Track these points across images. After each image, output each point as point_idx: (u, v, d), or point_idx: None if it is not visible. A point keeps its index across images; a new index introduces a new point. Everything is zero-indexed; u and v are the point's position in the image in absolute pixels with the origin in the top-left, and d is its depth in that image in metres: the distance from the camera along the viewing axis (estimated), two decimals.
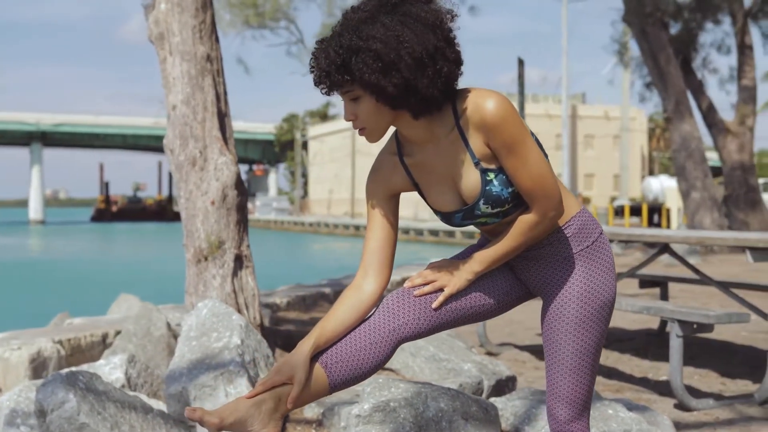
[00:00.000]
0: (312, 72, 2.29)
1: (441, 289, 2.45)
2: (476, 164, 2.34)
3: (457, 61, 2.28)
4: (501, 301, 2.56)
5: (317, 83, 2.30)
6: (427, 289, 2.44)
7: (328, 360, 2.34)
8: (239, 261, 5.79)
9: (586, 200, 59.29)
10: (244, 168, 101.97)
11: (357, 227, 53.44)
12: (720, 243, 5.26)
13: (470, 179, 2.37)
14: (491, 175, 2.34)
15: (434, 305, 2.43)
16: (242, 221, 5.86)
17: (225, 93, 6.08)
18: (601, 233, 2.55)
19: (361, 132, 2.34)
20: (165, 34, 5.91)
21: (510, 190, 2.36)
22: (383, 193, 2.51)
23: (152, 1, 6.05)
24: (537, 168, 2.32)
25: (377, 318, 2.41)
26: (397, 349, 2.42)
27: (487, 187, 2.35)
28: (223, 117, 5.98)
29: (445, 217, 2.49)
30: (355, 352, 2.36)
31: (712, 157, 34.60)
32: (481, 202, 2.37)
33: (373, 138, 2.36)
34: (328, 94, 2.33)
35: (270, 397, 2.30)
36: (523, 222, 2.39)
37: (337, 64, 2.21)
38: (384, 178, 2.50)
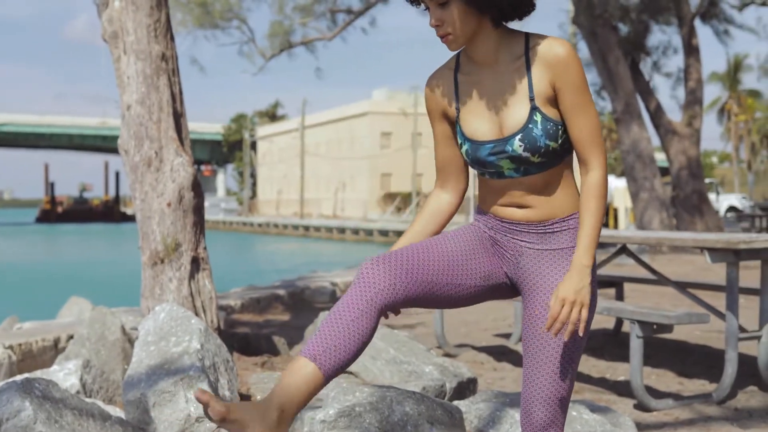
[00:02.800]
0: None
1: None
2: (531, 99, 2.37)
3: None
4: (478, 285, 2.50)
5: None
6: (561, 326, 2.35)
7: (315, 351, 2.26)
8: (196, 263, 5.70)
9: None
10: None
11: (306, 228, 53.26)
12: (679, 244, 5.29)
13: (518, 111, 2.39)
14: (538, 117, 2.36)
15: (581, 332, 2.41)
16: (199, 223, 5.77)
17: (180, 93, 5.98)
18: None
19: (445, 39, 2.38)
20: (119, 33, 5.80)
21: (548, 142, 2.37)
22: (435, 108, 2.57)
23: None
24: (596, 119, 2.39)
25: (351, 292, 2.34)
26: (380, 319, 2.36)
27: (530, 125, 2.36)
28: (178, 117, 5.89)
29: (474, 147, 2.46)
30: (338, 335, 2.27)
31: (660, 157, 35.00)
32: (518, 137, 2.38)
33: (455, 45, 2.40)
34: (414, 1, 2.41)
35: (275, 408, 2.22)
36: (592, 184, 2.39)
37: None
38: (435, 88, 2.56)
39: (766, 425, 4.71)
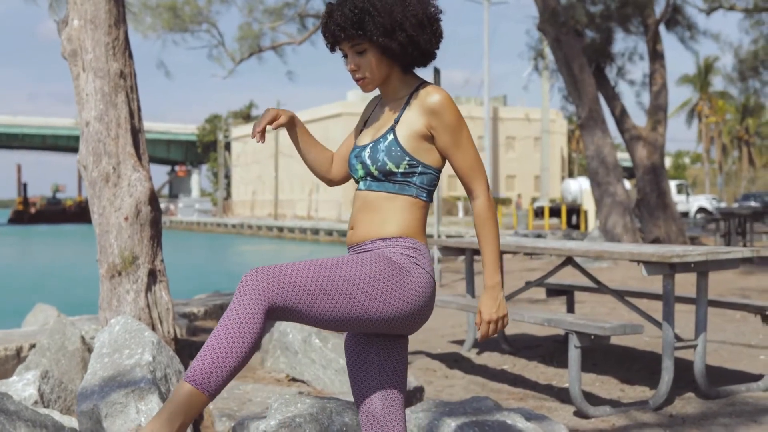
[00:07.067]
0: (325, 27, 2.73)
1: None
2: (395, 121, 2.74)
3: (442, 32, 2.78)
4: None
5: (329, 37, 2.73)
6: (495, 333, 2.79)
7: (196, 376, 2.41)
8: (153, 276, 5.87)
9: (506, 201, 60.00)
10: (166, 169, 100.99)
11: (280, 229, 53.33)
12: (617, 257, 5.51)
13: (382, 130, 2.78)
14: (390, 136, 2.72)
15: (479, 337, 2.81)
16: (156, 236, 5.94)
17: (139, 109, 6.14)
18: (419, 268, 2.69)
19: (360, 81, 2.76)
20: (78, 51, 5.95)
21: (385, 159, 2.70)
22: (360, 121, 2.97)
23: (65, 17, 6.08)
24: (475, 153, 2.75)
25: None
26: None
27: (380, 138, 2.74)
28: (136, 133, 6.05)
29: (352, 149, 2.87)
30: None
31: (627, 157, 35.31)
32: (369, 146, 2.76)
33: (369, 88, 2.79)
34: (332, 48, 2.78)
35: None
36: (480, 211, 2.74)
37: (353, 21, 2.65)
38: (366, 109, 3.00)
39: (698, 431, 4.93)
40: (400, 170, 2.70)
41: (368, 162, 2.73)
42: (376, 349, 2.78)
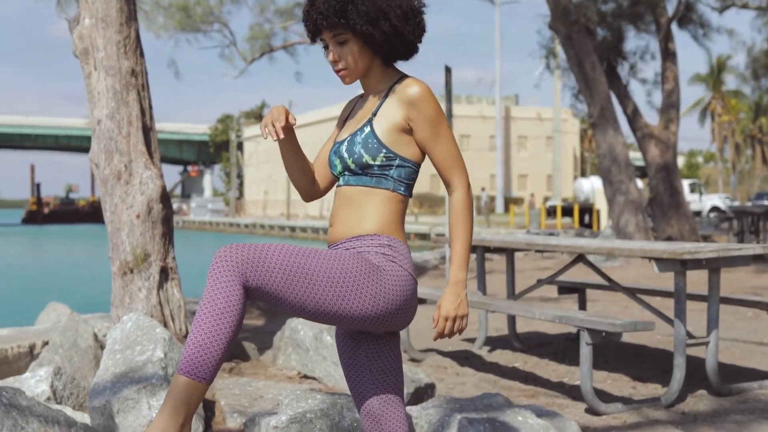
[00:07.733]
0: (307, 15, 2.70)
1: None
2: (373, 114, 2.70)
3: (425, 25, 2.76)
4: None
5: (310, 26, 2.70)
6: (452, 332, 2.71)
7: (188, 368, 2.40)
8: (165, 273, 5.89)
9: (518, 201, 59.91)
10: (179, 169, 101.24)
11: (293, 228, 53.40)
12: (628, 254, 5.50)
13: (360, 123, 2.74)
14: (367, 129, 2.69)
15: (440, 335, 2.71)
16: (168, 234, 5.96)
17: (150, 107, 6.17)
18: (395, 265, 2.63)
19: (340, 73, 2.72)
20: (90, 50, 5.98)
21: (362, 152, 2.66)
22: (340, 120, 2.92)
23: (76, 16, 6.11)
24: (454, 146, 2.70)
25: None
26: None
27: (357, 131, 2.70)
28: (148, 131, 6.07)
29: (332, 147, 2.83)
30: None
31: (640, 156, 35.25)
32: (347, 140, 2.72)
33: (349, 80, 2.74)
34: (313, 39, 2.75)
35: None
36: (456, 205, 2.69)
37: (336, 9, 2.61)
38: (346, 107, 2.95)
39: (710, 428, 4.92)
40: (377, 163, 2.65)
41: (345, 155, 2.68)
42: (365, 350, 2.72)
